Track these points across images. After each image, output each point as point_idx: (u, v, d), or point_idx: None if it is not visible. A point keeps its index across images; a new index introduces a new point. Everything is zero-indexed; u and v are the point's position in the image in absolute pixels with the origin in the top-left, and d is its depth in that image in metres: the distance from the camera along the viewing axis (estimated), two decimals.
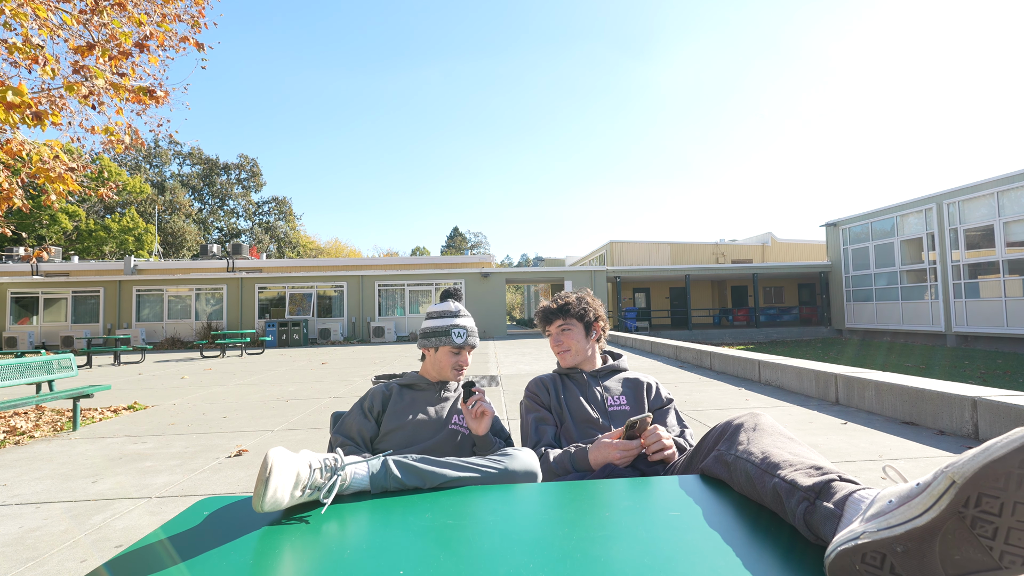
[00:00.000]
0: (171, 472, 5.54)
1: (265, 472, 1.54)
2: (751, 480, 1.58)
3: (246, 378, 13.83)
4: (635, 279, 40.27)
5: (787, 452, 1.60)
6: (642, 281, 42.92)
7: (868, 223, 32.24)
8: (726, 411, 7.75)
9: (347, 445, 2.45)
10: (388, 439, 2.48)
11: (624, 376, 2.96)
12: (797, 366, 9.21)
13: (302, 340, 29.39)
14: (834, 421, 6.88)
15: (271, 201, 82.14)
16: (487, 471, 1.89)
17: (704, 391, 9.61)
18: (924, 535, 1.12)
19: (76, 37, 8.39)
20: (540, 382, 2.94)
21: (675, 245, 46.25)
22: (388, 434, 2.50)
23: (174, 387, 12.35)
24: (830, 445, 5.73)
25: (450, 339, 2.72)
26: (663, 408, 2.84)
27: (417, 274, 33.23)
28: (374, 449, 2.48)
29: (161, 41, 8.83)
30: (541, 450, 2.62)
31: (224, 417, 8.47)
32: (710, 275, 39.22)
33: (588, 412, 2.74)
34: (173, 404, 9.87)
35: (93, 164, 26.97)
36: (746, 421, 1.83)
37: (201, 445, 6.67)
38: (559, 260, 65.27)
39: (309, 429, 7.40)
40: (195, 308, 32.27)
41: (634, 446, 2.36)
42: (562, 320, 2.99)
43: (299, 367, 16.58)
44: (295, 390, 11.27)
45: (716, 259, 46.22)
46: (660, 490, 1.73)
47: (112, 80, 8.28)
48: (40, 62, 7.56)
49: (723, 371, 12.04)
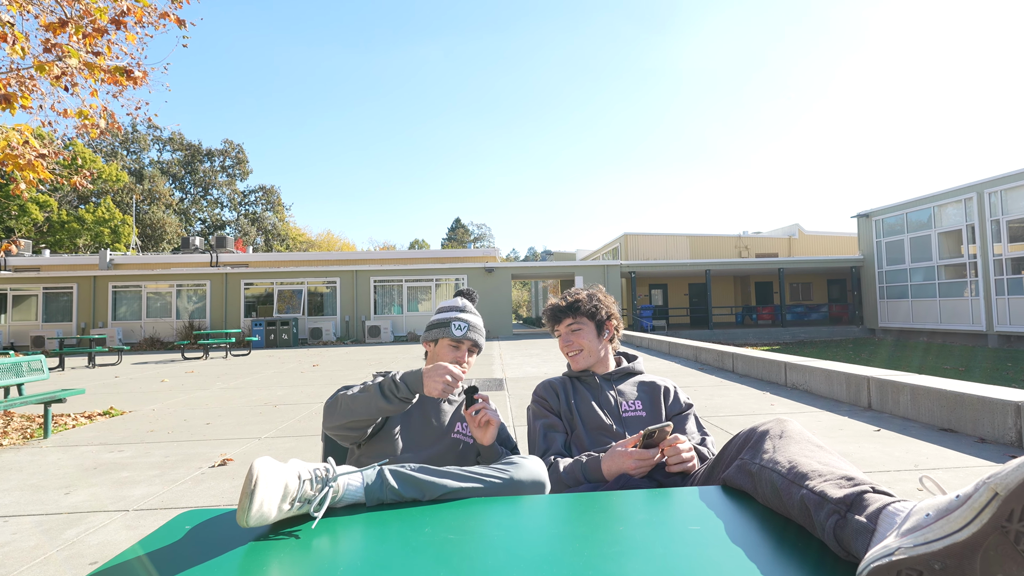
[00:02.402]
0: (150, 483, 5.55)
1: (250, 484, 1.53)
2: (777, 491, 1.58)
3: (231, 381, 13.86)
4: (651, 274, 40.26)
5: (816, 461, 1.59)
6: (659, 276, 42.93)
7: (903, 214, 32.16)
8: (750, 417, 7.75)
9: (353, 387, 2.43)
10: (384, 446, 2.47)
11: (640, 379, 2.95)
12: (826, 368, 9.19)
13: (291, 340, 29.44)
14: (866, 428, 6.87)
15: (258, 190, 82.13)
16: (491, 481, 1.89)
17: (726, 395, 9.61)
18: (964, 551, 1.11)
19: (47, 13, 8.40)
20: (549, 386, 2.93)
21: (695, 238, 46.23)
22: (384, 440, 2.49)
23: (153, 391, 12.38)
24: (862, 454, 5.72)
25: (449, 331, 2.71)
26: (682, 414, 2.83)
27: (416, 269, 33.28)
28: (363, 461, 2.47)
29: (139, 17, 8.83)
30: (550, 459, 2.61)
31: (207, 424, 8.49)
32: (732, 270, 39.20)
33: (601, 418, 2.73)
34: (152, 409, 9.89)
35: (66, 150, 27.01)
36: (771, 428, 1.82)
37: (182, 454, 6.69)
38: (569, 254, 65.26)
39: (299, 437, 7.41)
40: (176, 306, 32.35)
41: (651, 455, 2.34)
42: (572, 319, 2.98)
43: (288, 370, 16.62)
44: (284, 394, 11.30)
45: (739, 253, 46.20)
46: (679, 502, 1.73)
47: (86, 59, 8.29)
48: (9, 40, 7.56)
49: (746, 374, 12.04)
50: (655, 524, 1.56)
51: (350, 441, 2.47)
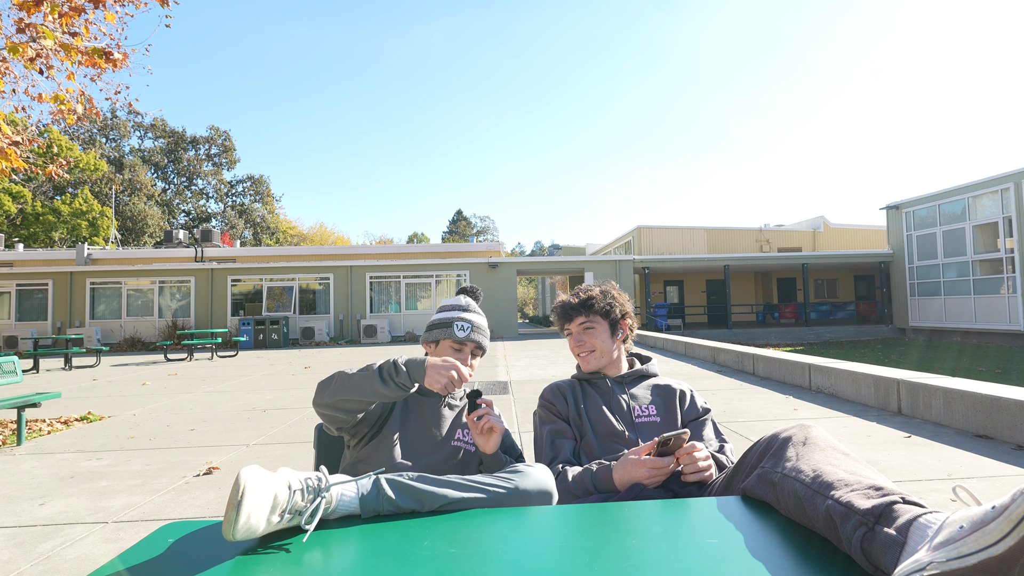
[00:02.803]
0: (130, 493, 5.56)
1: (237, 494, 1.53)
2: (800, 502, 1.58)
3: (217, 384, 13.89)
4: (667, 270, 40.25)
5: (842, 470, 1.59)
6: (675, 272, 42.91)
7: (935, 205, 32.07)
8: (771, 422, 7.75)
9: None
10: (380, 454, 2.46)
11: (654, 382, 2.95)
12: (853, 370, 9.18)
13: (282, 340, 29.47)
14: (896, 434, 6.87)
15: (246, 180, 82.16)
16: (495, 491, 1.88)
17: (746, 399, 9.61)
18: (1001, 566, 1.11)
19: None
20: (557, 389, 2.93)
21: (713, 231, 46.20)
22: (381, 447, 2.48)
23: (134, 395, 12.41)
24: (891, 462, 5.72)
25: (451, 331, 2.70)
26: (699, 419, 2.83)
27: (414, 264, 33.27)
28: (358, 469, 2.46)
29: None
30: (558, 467, 2.61)
31: (192, 430, 8.50)
32: (753, 265, 39.14)
33: (612, 424, 2.73)
34: (133, 414, 9.91)
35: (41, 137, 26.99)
36: (795, 434, 1.82)
37: (165, 462, 6.70)
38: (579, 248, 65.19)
39: (289, 443, 7.43)
40: (158, 303, 32.38)
41: (666, 464, 2.34)
42: (584, 317, 2.97)
43: (278, 372, 16.64)
44: (273, 398, 11.32)
45: (760, 247, 46.15)
46: (695, 514, 1.73)
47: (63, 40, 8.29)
48: None
49: (768, 376, 12.03)
50: (670, 537, 1.56)
51: (337, 424, 2.45)
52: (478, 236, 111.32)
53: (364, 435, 2.54)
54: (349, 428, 2.52)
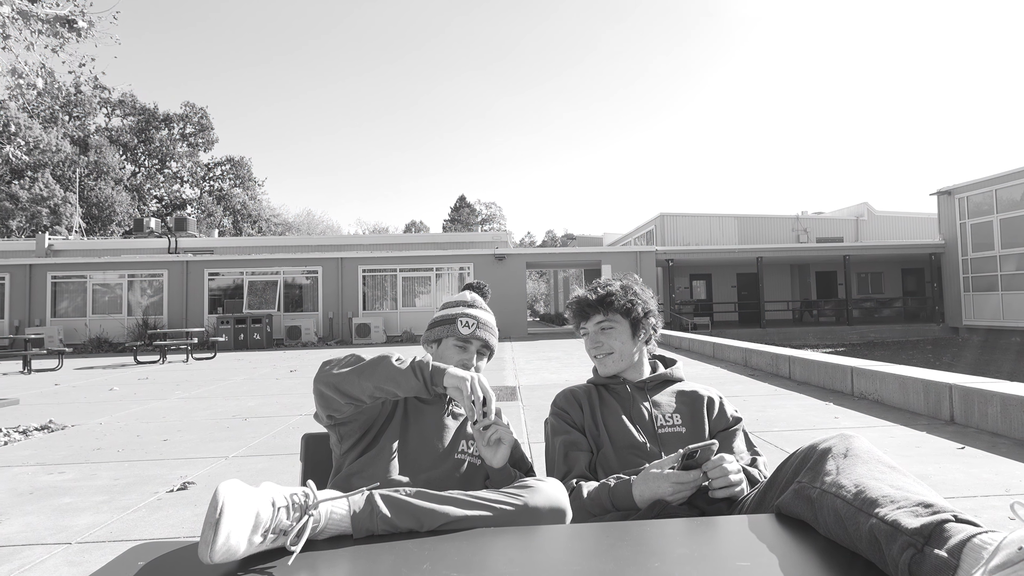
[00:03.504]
0: (96, 511, 5.57)
1: (215, 512, 1.53)
2: (841, 520, 1.58)
3: (193, 390, 13.91)
4: (693, 262, 40.22)
5: (887, 485, 1.59)
6: (702, 265, 42.87)
7: (991, 191, 31.95)
8: (809, 432, 7.74)
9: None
10: (375, 467, 2.44)
11: (679, 388, 2.94)
12: (900, 374, 9.16)
13: (264, 341, 29.54)
14: (948, 445, 6.85)
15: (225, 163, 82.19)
16: (502, 508, 1.89)
17: (781, 406, 9.61)
18: None
19: None
20: (571, 396, 2.93)
21: (744, 219, 46.18)
22: (375, 459, 2.46)
23: (100, 401, 12.43)
24: (943, 476, 5.71)
25: (455, 328, 2.69)
26: (729, 429, 2.82)
27: (412, 256, 33.34)
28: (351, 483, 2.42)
29: None
30: (572, 482, 2.60)
31: (164, 440, 8.52)
32: (789, 257, 39.13)
33: (632, 434, 2.73)
34: (99, 423, 9.93)
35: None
36: (835, 445, 1.82)
37: (135, 476, 6.71)
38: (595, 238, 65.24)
39: (273, 456, 7.44)
40: (127, 299, 32.47)
41: (692, 478, 2.32)
42: (602, 315, 2.94)
43: (261, 376, 16.67)
44: (255, 405, 11.34)
45: (797, 237, 46.06)
46: (725, 533, 1.73)
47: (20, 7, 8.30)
48: None
49: (805, 381, 12.02)
50: (697, 560, 1.56)
51: (332, 411, 2.42)
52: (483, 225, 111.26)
53: (355, 442, 2.52)
54: (341, 422, 2.50)
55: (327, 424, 2.55)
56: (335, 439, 2.58)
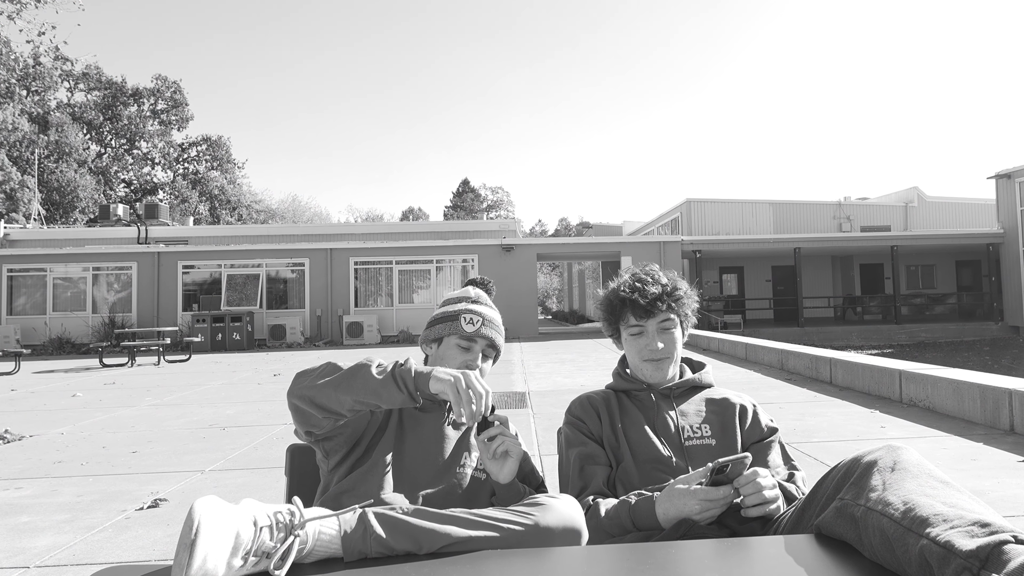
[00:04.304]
0: (58, 531, 5.57)
1: (190, 532, 1.53)
2: (888, 541, 1.58)
3: (165, 396, 13.95)
4: (722, 253, 40.18)
5: (940, 502, 1.59)
6: (733, 257, 42.83)
7: None
8: (853, 443, 7.73)
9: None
10: (368, 481, 2.41)
11: (708, 395, 2.93)
12: (954, 378, 9.15)
13: (245, 341, 29.57)
14: (1008, 458, 6.84)
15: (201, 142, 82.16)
16: (510, 529, 1.88)
17: (821, 415, 9.60)
18: None
19: None
20: (587, 403, 2.92)
21: (780, 205, 46.10)
22: (368, 473, 2.43)
23: (62, 409, 12.48)
24: (1001, 492, 5.70)
25: (457, 325, 2.67)
26: (763, 441, 2.82)
27: (410, 247, 33.34)
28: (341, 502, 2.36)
29: None
30: (588, 500, 2.60)
31: (133, 452, 8.55)
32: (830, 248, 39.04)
33: (656, 447, 2.71)
34: (61, 433, 9.97)
35: None
36: (881, 458, 1.82)
37: (101, 492, 6.73)
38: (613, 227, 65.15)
39: (254, 469, 7.47)
40: (92, 295, 32.50)
41: (721, 495, 2.29)
42: (670, 314, 2.88)
43: (241, 380, 16.72)
44: (235, 414, 11.37)
45: (839, 225, 45.94)
46: (759, 556, 1.73)
47: None
48: None
49: (848, 386, 12.01)
50: None
51: (309, 426, 2.36)
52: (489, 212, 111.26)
53: (344, 456, 2.50)
54: (321, 437, 2.47)
55: (307, 441, 2.52)
56: (321, 455, 2.56)
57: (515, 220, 41.96)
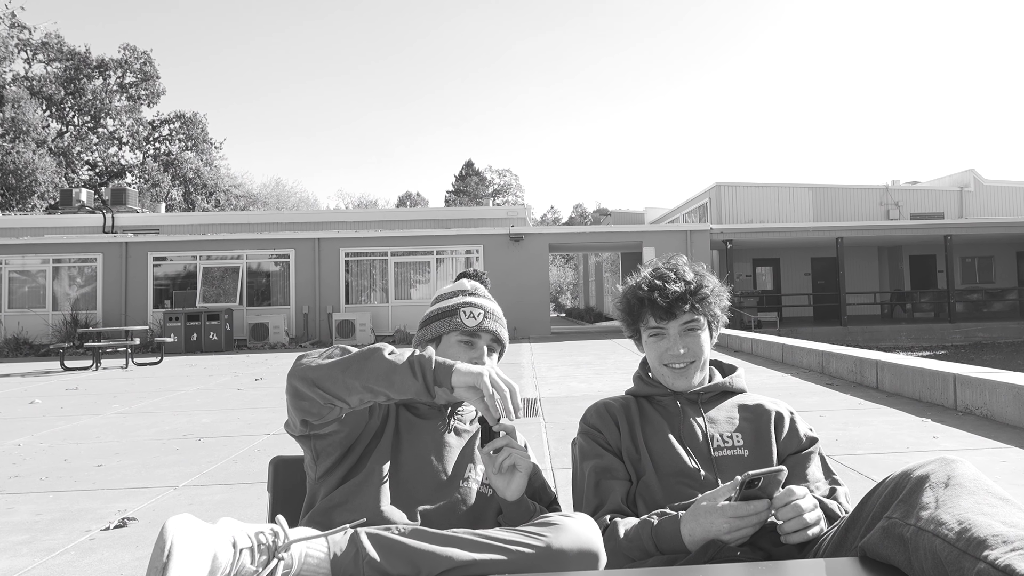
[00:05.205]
0: (14, 553, 5.58)
1: (162, 555, 1.53)
2: (941, 565, 1.57)
3: (134, 403, 13.98)
4: (756, 243, 40.16)
5: (999, 521, 1.59)
6: (767, 247, 42.78)
7: None
8: (901, 456, 7.73)
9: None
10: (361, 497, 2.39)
11: (740, 401, 2.92)
12: (1016, 383, 9.13)
13: (223, 342, 29.61)
14: None
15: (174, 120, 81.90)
16: (519, 551, 1.88)
17: (866, 423, 9.60)
18: None
19: None
20: (604, 410, 2.90)
21: (820, 189, 46.01)
22: (361, 487, 2.41)
23: (19, 417, 12.52)
24: None
25: (457, 320, 2.65)
26: (802, 452, 2.79)
27: (407, 237, 33.36)
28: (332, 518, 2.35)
29: None
30: (605, 519, 2.58)
31: (99, 465, 8.56)
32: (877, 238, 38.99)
33: (682, 458, 2.69)
34: (17, 445, 10.00)
35: None
36: (933, 472, 1.82)
37: (62, 510, 6.74)
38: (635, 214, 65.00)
39: (234, 485, 7.48)
40: (52, 290, 32.54)
41: (753, 511, 2.25)
42: (695, 315, 2.84)
43: (219, 385, 16.75)
44: (212, 422, 11.39)
45: (886, 213, 45.89)
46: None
47: None
48: None
49: (896, 392, 12.01)
50: None
51: (306, 414, 2.26)
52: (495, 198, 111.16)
53: (335, 462, 2.48)
54: (318, 433, 2.41)
55: (300, 434, 2.43)
56: (310, 458, 2.52)
57: (525, 207, 42.08)
